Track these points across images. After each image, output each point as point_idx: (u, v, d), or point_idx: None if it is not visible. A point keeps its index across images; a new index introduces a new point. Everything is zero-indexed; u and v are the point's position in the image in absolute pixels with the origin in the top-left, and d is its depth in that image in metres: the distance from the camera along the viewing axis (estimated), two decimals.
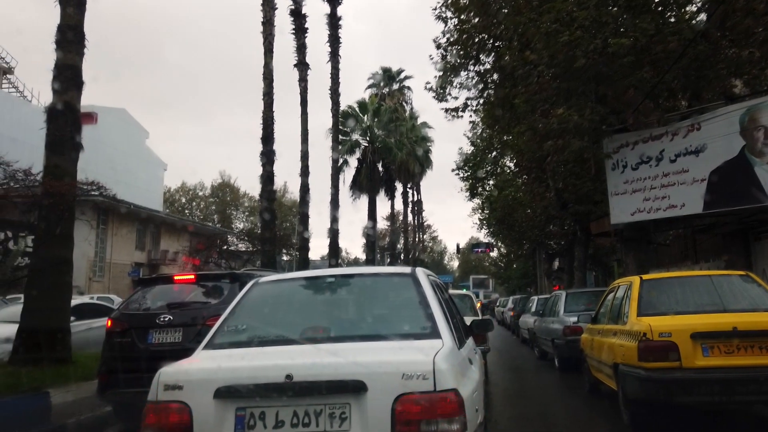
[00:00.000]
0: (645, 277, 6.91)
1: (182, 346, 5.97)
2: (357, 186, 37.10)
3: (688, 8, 10.93)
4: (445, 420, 2.63)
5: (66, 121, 10.06)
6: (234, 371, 2.87)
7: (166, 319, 6.27)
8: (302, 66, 22.83)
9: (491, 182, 24.53)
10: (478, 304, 13.03)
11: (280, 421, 2.72)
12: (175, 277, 7.14)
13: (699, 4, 10.67)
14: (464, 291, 14.90)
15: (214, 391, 2.75)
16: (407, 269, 3.96)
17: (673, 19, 10.48)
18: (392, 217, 50.64)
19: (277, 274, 5.77)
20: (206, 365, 3.07)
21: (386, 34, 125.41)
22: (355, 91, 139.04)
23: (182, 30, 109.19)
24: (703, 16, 10.50)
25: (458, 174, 24.61)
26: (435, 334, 3.18)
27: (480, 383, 3.64)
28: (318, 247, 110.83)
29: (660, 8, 10.42)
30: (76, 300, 11.41)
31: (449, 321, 3.48)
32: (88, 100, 12.12)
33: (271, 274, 8.08)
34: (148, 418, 2.89)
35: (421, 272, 3.85)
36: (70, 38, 10.20)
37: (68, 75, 10.15)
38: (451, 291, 7.76)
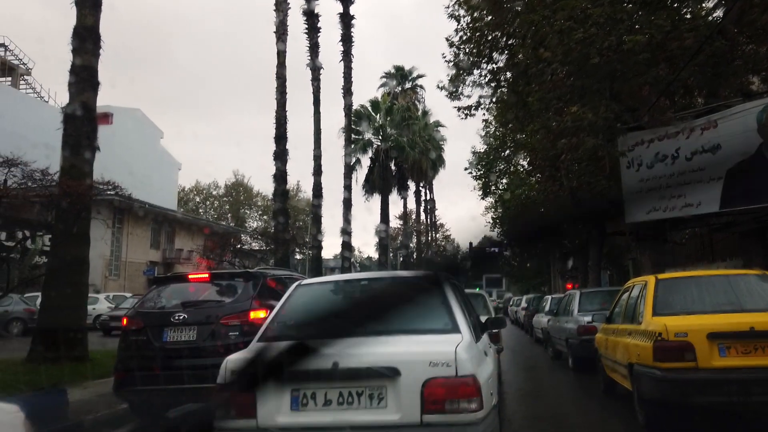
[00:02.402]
0: (660, 276, 6.84)
1: (196, 345, 6.14)
2: (369, 185, 37.12)
3: (704, 4, 10.81)
4: (465, 400, 3.12)
5: (82, 121, 10.19)
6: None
7: (181, 317, 6.28)
8: (315, 66, 22.88)
9: (504, 181, 24.41)
10: (494, 303, 13.15)
11: (328, 400, 3.24)
12: (190, 276, 7.17)
13: (715, 0, 10.55)
14: (477, 290, 14.90)
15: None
16: (431, 273, 4.51)
17: (689, 16, 10.36)
18: (405, 216, 50.58)
19: (316, 278, 6.33)
20: None
21: (396, 32, 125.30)
22: (366, 90, 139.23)
23: (194, 30, 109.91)
24: (719, 12, 10.37)
25: (471, 173, 24.54)
26: (456, 329, 3.67)
27: (494, 372, 4.11)
28: (331, 246, 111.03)
29: (675, 4, 10.32)
30: None
31: (467, 318, 3.96)
32: (103, 100, 12.26)
33: (284, 272, 8.20)
34: (218, 398, 3.39)
35: (443, 276, 4.29)
36: (86, 40, 10.31)
37: (84, 76, 10.27)
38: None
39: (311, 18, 22.87)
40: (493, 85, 13.98)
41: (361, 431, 3.19)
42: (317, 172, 22.85)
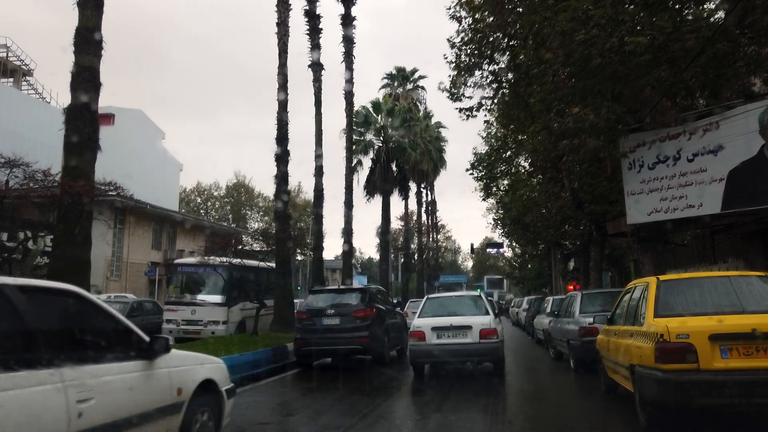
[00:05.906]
0: (662, 277, 6.83)
1: (340, 326, 11.94)
2: (371, 186, 37.10)
3: (706, 5, 10.78)
4: (493, 336, 10.16)
5: (84, 122, 10.21)
6: (427, 324, 10.43)
7: (331, 312, 12.17)
8: (316, 66, 22.85)
9: (505, 182, 24.34)
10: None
11: (449, 335, 10.20)
12: (330, 289, 14.17)
13: (717, 1, 10.52)
14: (478, 291, 15.74)
15: (430, 328, 10.36)
16: (477, 293, 12.74)
17: (690, 17, 10.34)
18: (406, 217, 50.56)
19: (436, 294, 16.02)
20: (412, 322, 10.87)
21: (397, 34, 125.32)
22: (367, 92, 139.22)
23: (195, 31, 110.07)
24: (721, 13, 10.35)
25: (472, 174, 24.43)
26: (488, 314, 10.66)
27: (502, 330, 10.74)
28: (332, 247, 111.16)
29: (677, 5, 10.29)
30: None
31: (493, 310, 10.99)
32: (105, 101, 12.28)
33: (378, 287, 16.72)
34: (411, 335, 10.61)
35: (482, 294, 11.99)
36: (88, 40, 10.33)
37: (86, 77, 10.29)
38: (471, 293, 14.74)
39: (312, 19, 22.86)
40: (494, 86, 13.97)
41: (459, 345, 10.01)
42: (318, 173, 22.85)
